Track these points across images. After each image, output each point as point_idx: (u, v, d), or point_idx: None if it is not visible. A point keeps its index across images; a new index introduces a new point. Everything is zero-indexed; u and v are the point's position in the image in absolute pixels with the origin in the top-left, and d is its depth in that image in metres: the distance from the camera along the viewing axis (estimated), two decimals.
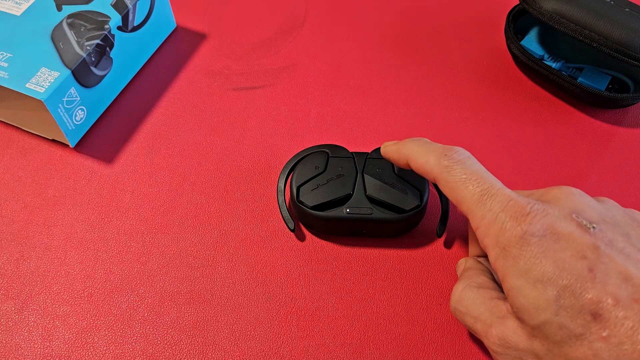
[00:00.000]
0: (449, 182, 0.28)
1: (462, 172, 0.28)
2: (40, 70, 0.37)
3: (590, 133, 0.41)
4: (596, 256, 0.24)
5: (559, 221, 0.25)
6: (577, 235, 0.24)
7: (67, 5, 0.41)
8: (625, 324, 0.22)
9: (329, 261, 0.35)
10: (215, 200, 0.38)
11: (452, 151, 0.29)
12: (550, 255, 0.24)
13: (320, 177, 0.35)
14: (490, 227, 0.26)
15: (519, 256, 0.24)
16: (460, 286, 0.29)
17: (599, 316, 0.22)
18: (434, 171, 0.29)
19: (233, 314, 0.33)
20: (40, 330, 0.32)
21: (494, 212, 0.26)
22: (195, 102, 0.43)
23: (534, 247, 0.24)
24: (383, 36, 0.47)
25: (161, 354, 0.31)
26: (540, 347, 0.24)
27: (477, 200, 0.27)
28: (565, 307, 0.23)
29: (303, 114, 0.42)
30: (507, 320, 0.26)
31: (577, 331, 0.23)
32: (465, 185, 0.27)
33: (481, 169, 0.28)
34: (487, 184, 0.27)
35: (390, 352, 0.31)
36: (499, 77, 0.45)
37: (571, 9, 0.39)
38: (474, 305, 0.28)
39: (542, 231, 0.24)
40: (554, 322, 0.23)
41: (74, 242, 0.36)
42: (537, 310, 0.24)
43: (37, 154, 0.40)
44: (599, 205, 0.27)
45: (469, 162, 0.28)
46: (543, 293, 0.24)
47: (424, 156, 0.30)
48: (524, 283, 0.24)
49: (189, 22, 0.48)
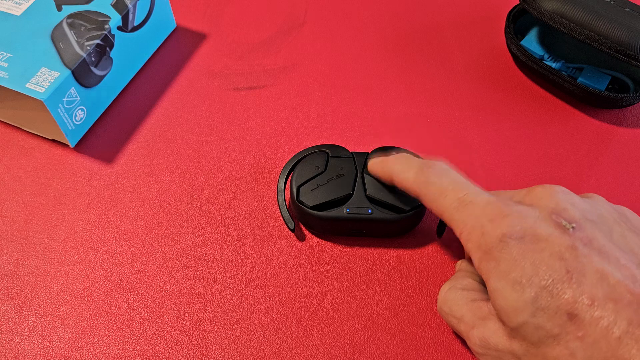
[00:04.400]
0: (427, 194, 0.29)
1: (439, 183, 0.28)
2: (40, 70, 0.37)
3: (590, 133, 0.41)
4: (574, 257, 0.24)
5: (538, 223, 0.25)
6: (555, 237, 0.24)
7: (67, 5, 0.41)
8: (600, 323, 0.22)
9: (329, 261, 0.35)
10: (215, 200, 0.38)
11: (429, 165, 0.29)
12: (529, 257, 0.24)
13: (320, 177, 0.35)
14: (471, 232, 0.26)
15: (499, 258, 0.25)
16: (446, 287, 0.30)
17: (574, 317, 0.23)
18: (414, 187, 0.29)
19: (233, 314, 0.33)
20: (41, 330, 0.32)
21: (473, 216, 0.26)
22: (195, 102, 0.43)
23: (513, 249, 0.24)
24: (383, 36, 0.47)
25: (161, 353, 0.31)
26: (519, 347, 0.25)
27: (456, 207, 0.27)
28: (542, 308, 0.23)
29: (303, 114, 0.42)
30: (488, 322, 0.26)
31: (553, 332, 0.23)
32: (444, 195, 0.28)
33: (459, 178, 0.28)
34: (465, 191, 0.27)
35: (390, 352, 0.31)
36: (499, 77, 0.45)
37: (571, 9, 0.39)
38: (457, 306, 0.28)
39: (521, 233, 0.25)
40: (531, 323, 0.24)
41: (74, 242, 0.36)
42: (516, 312, 0.24)
43: (37, 154, 0.40)
44: (583, 202, 0.27)
45: (445, 174, 0.28)
46: (521, 294, 0.24)
47: (404, 173, 0.30)
48: (504, 285, 0.24)
49: (189, 22, 0.48)
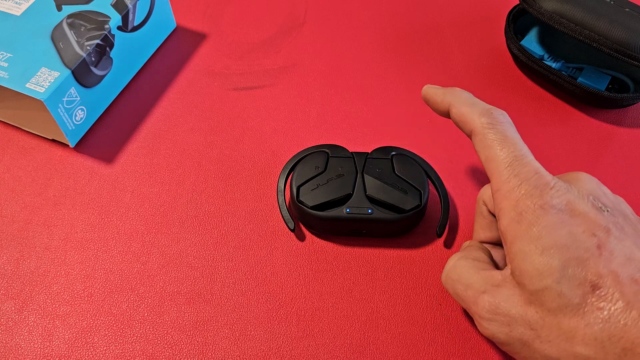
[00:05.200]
0: (487, 139, 0.29)
1: (501, 133, 0.28)
2: (40, 70, 0.37)
3: (590, 133, 0.41)
4: (606, 236, 0.25)
5: (578, 200, 0.26)
6: (592, 215, 0.25)
7: (67, 5, 0.41)
8: (621, 299, 0.23)
9: (329, 261, 0.35)
10: (215, 200, 0.38)
11: (497, 112, 0.29)
12: (565, 228, 0.25)
13: (320, 177, 0.35)
14: (512, 192, 0.27)
15: (534, 223, 0.25)
16: (456, 257, 0.30)
17: (598, 289, 0.23)
18: (475, 123, 0.29)
19: (233, 314, 0.33)
20: (40, 330, 0.32)
21: (520, 178, 0.27)
22: (195, 102, 0.43)
23: (551, 217, 0.25)
24: (383, 36, 0.47)
25: (161, 353, 0.31)
26: (534, 314, 0.25)
27: (508, 163, 0.27)
28: (568, 276, 0.24)
29: (303, 114, 0.42)
30: (501, 289, 0.27)
31: (574, 301, 0.24)
32: (502, 146, 0.28)
33: (518, 137, 0.29)
34: (521, 152, 0.28)
35: (390, 352, 0.31)
36: (499, 77, 0.45)
37: (571, 9, 0.39)
38: (468, 273, 0.29)
39: (562, 205, 0.26)
40: (554, 289, 0.24)
41: (74, 242, 0.36)
42: (541, 276, 0.25)
43: (37, 154, 0.40)
44: (613, 196, 0.28)
45: (509, 128, 0.29)
46: (550, 260, 0.24)
47: (469, 106, 0.30)
48: (533, 248, 0.25)
49: (189, 22, 0.48)
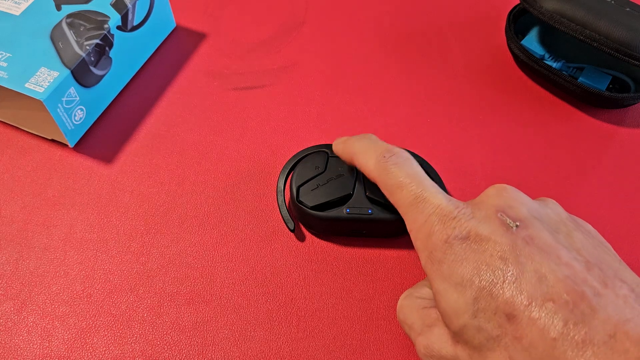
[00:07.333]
0: (386, 184, 0.28)
1: (398, 174, 0.28)
2: (40, 70, 0.37)
3: (591, 133, 0.41)
4: (514, 256, 0.23)
5: (481, 224, 0.25)
6: (498, 235, 0.24)
7: (67, 5, 0.41)
8: (537, 324, 0.22)
9: (329, 261, 0.35)
10: (215, 200, 0.37)
11: (391, 152, 0.29)
12: (471, 258, 0.24)
13: (320, 177, 0.35)
14: (420, 231, 0.26)
15: (442, 260, 0.25)
16: (404, 295, 0.30)
17: (513, 317, 0.22)
18: (373, 173, 0.29)
19: (233, 314, 0.33)
20: (40, 330, 0.32)
21: (424, 215, 0.26)
22: (195, 102, 0.43)
23: (457, 250, 0.24)
24: (383, 36, 0.47)
25: (161, 354, 0.31)
26: (462, 352, 0.24)
27: (410, 203, 0.27)
28: (482, 309, 0.23)
29: (303, 114, 0.42)
30: (434, 328, 0.26)
31: (494, 333, 0.23)
32: (400, 188, 0.27)
33: (418, 172, 0.28)
34: (422, 187, 0.27)
35: (390, 352, 0.31)
36: (500, 77, 0.44)
37: (572, 9, 0.39)
38: (410, 313, 0.28)
39: (465, 234, 0.24)
40: (471, 325, 0.23)
41: (73, 242, 0.36)
42: (457, 314, 0.24)
43: (37, 154, 0.40)
44: (532, 201, 0.27)
45: (406, 165, 0.28)
46: (462, 296, 0.23)
47: (365, 156, 0.30)
48: (446, 287, 0.24)
49: (189, 22, 0.48)
